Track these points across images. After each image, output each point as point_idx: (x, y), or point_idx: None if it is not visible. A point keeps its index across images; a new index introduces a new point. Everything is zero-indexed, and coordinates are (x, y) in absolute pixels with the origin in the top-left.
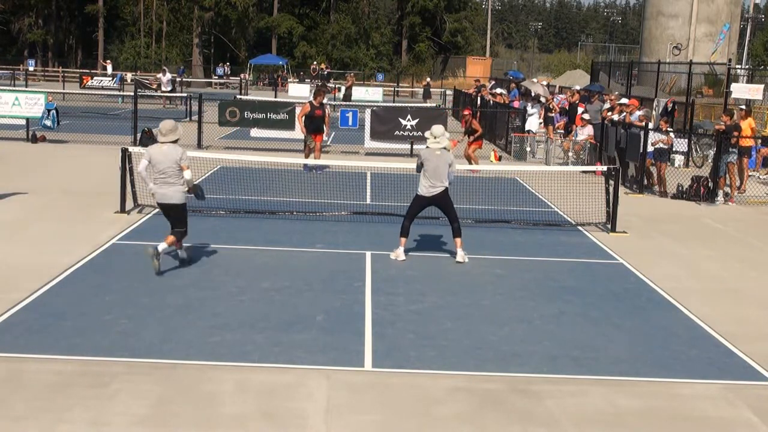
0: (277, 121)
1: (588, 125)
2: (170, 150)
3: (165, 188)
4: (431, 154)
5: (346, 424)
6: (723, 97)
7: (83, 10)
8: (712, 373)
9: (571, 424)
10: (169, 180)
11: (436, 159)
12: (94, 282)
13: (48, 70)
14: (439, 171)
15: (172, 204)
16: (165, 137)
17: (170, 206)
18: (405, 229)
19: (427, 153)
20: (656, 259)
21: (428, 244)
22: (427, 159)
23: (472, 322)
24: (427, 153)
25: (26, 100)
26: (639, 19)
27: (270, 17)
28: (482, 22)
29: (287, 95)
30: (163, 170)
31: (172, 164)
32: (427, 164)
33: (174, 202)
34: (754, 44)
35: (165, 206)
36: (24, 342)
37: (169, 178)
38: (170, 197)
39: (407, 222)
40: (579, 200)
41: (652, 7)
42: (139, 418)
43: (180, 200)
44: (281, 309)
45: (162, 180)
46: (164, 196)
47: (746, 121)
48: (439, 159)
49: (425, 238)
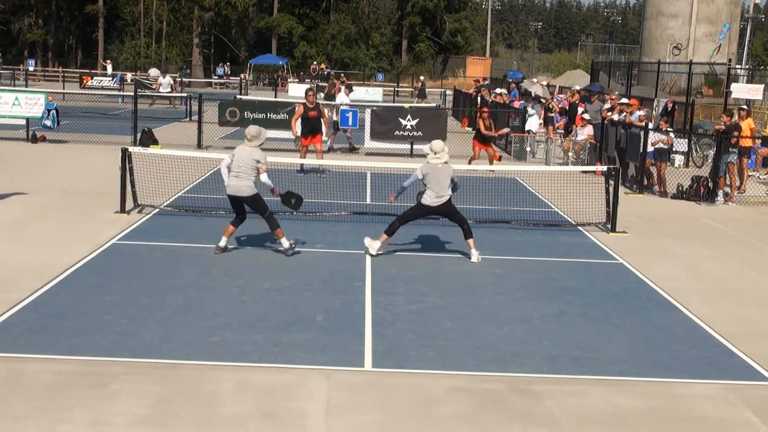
0: (277, 121)
1: (588, 125)
2: (253, 151)
3: (236, 181)
4: (433, 168)
5: (346, 424)
6: (723, 97)
7: (83, 10)
8: (712, 373)
9: (571, 424)
10: (242, 175)
11: (437, 172)
12: (94, 282)
13: (48, 70)
14: (443, 183)
15: (242, 197)
16: (251, 142)
17: (242, 198)
18: (393, 228)
19: (429, 168)
20: (656, 259)
21: (428, 244)
22: (428, 174)
23: (472, 322)
24: (429, 168)
25: (26, 100)
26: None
27: (270, 17)
28: (482, 22)
29: (287, 95)
30: (240, 166)
31: (249, 162)
32: (429, 179)
33: (243, 194)
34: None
35: (235, 198)
36: (24, 342)
37: (242, 173)
38: (239, 190)
39: (398, 224)
40: (579, 200)
41: (652, 7)
42: (139, 418)
43: (249, 193)
44: (281, 309)
45: (235, 174)
46: (234, 189)
47: (746, 122)
48: (441, 172)
49: (425, 238)
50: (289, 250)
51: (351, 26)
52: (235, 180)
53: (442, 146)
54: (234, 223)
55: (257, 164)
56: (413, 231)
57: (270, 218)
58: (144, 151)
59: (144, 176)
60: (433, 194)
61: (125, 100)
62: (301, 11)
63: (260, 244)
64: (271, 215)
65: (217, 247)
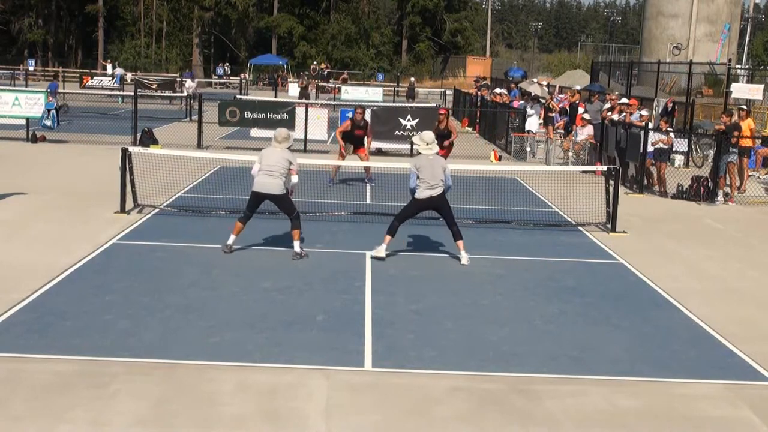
0: (277, 121)
1: (588, 125)
2: (284, 152)
3: (268, 179)
4: (425, 160)
5: (346, 424)
6: (723, 97)
7: (83, 10)
8: (712, 373)
9: (571, 424)
10: (275, 174)
11: (430, 164)
12: (94, 282)
13: (48, 70)
14: (436, 173)
15: (273, 194)
16: (280, 144)
17: (271, 196)
18: (393, 228)
19: (421, 161)
20: (656, 259)
21: (428, 244)
22: (422, 167)
23: (472, 322)
24: (421, 161)
25: (26, 100)
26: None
27: (270, 17)
28: (482, 22)
29: (287, 95)
30: (272, 165)
31: (282, 162)
32: (423, 171)
33: (274, 192)
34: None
35: (263, 196)
36: (24, 342)
37: (275, 172)
38: (270, 188)
39: (397, 222)
40: (579, 200)
41: (652, 7)
42: (139, 418)
43: (280, 191)
44: (281, 309)
45: (267, 173)
46: (264, 186)
47: (746, 122)
48: (433, 163)
49: (425, 238)
50: (297, 255)
51: (351, 26)
52: (268, 178)
53: (432, 137)
54: (243, 220)
55: (290, 165)
56: (414, 231)
57: (297, 218)
58: (144, 151)
59: (144, 176)
60: (426, 186)
61: (125, 100)
62: (301, 11)
63: (260, 244)
64: (298, 215)
65: (226, 246)
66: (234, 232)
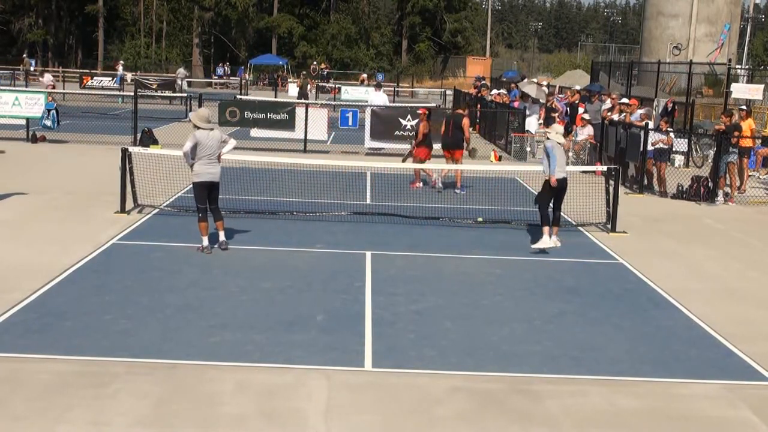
0: (277, 121)
1: (588, 125)
2: (215, 133)
3: (211, 168)
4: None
5: (346, 424)
6: (723, 97)
7: (83, 10)
8: (712, 373)
9: (571, 424)
10: (214, 161)
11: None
12: (94, 282)
13: (48, 70)
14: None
15: (216, 182)
16: (208, 124)
17: (215, 184)
18: (546, 217)
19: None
20: (656, 259)
21: (428, 244)
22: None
23: (472, 322)
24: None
25: (26, 100)
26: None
27: (270, 17)
28: (482, 22)
29: (287, 95)
30: (211, 153)
31: (216, 144)
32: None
33: (217, 180)
34: (754, 44)
35: (209, 184)
36: (24, 342)
37: (214, 159)
38: (216, 176)
39: (545, 210)
40: (579, 200)
41: (652, 7)
42: (139, 418)
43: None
44: (281, 309)
45: (209, 161)
46: (211, 175)
47: (746, 122)
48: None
49: (425, 238)
50: (209, 248)
51: (351, 26)
52: (212, 167)
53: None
54: (204, 218)
55: (222, 141)
56: (414, 231)
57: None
58: (144, 151)
59: (144, 176)
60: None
61: (125, 100)
62: (301, 11)
63: (260, 244)
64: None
65: (206, 248)
66: (204, 233)
